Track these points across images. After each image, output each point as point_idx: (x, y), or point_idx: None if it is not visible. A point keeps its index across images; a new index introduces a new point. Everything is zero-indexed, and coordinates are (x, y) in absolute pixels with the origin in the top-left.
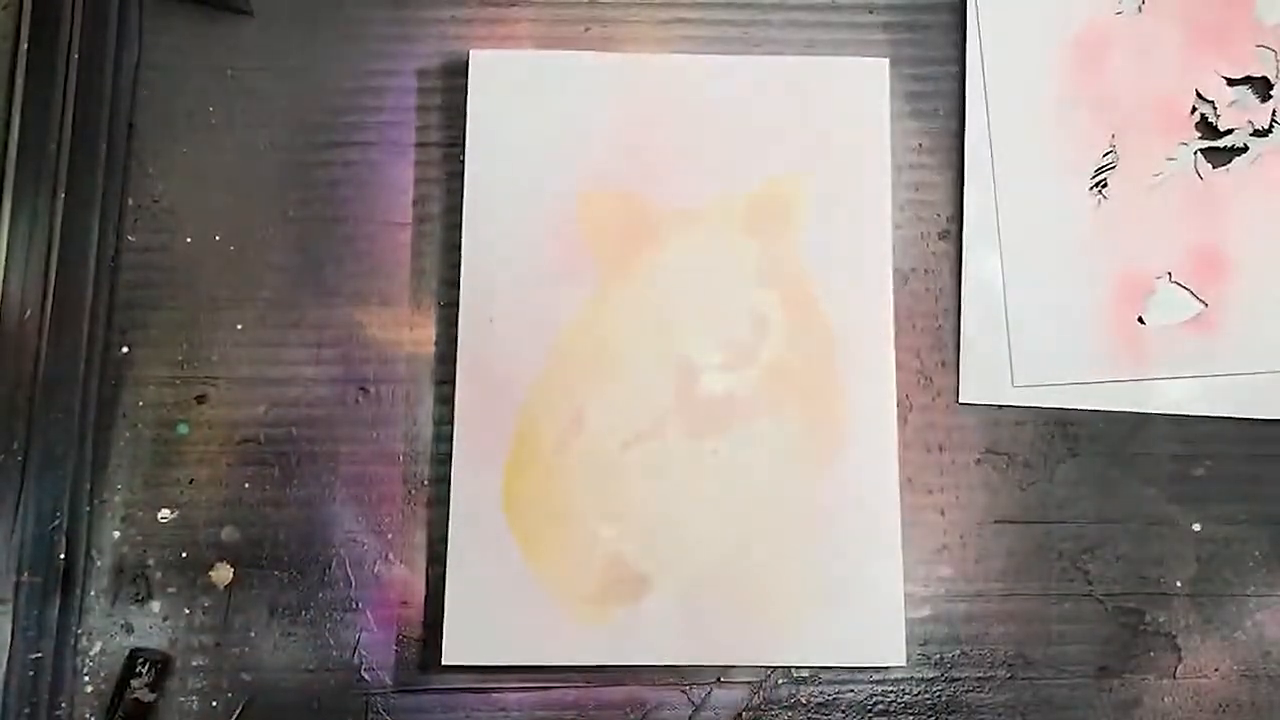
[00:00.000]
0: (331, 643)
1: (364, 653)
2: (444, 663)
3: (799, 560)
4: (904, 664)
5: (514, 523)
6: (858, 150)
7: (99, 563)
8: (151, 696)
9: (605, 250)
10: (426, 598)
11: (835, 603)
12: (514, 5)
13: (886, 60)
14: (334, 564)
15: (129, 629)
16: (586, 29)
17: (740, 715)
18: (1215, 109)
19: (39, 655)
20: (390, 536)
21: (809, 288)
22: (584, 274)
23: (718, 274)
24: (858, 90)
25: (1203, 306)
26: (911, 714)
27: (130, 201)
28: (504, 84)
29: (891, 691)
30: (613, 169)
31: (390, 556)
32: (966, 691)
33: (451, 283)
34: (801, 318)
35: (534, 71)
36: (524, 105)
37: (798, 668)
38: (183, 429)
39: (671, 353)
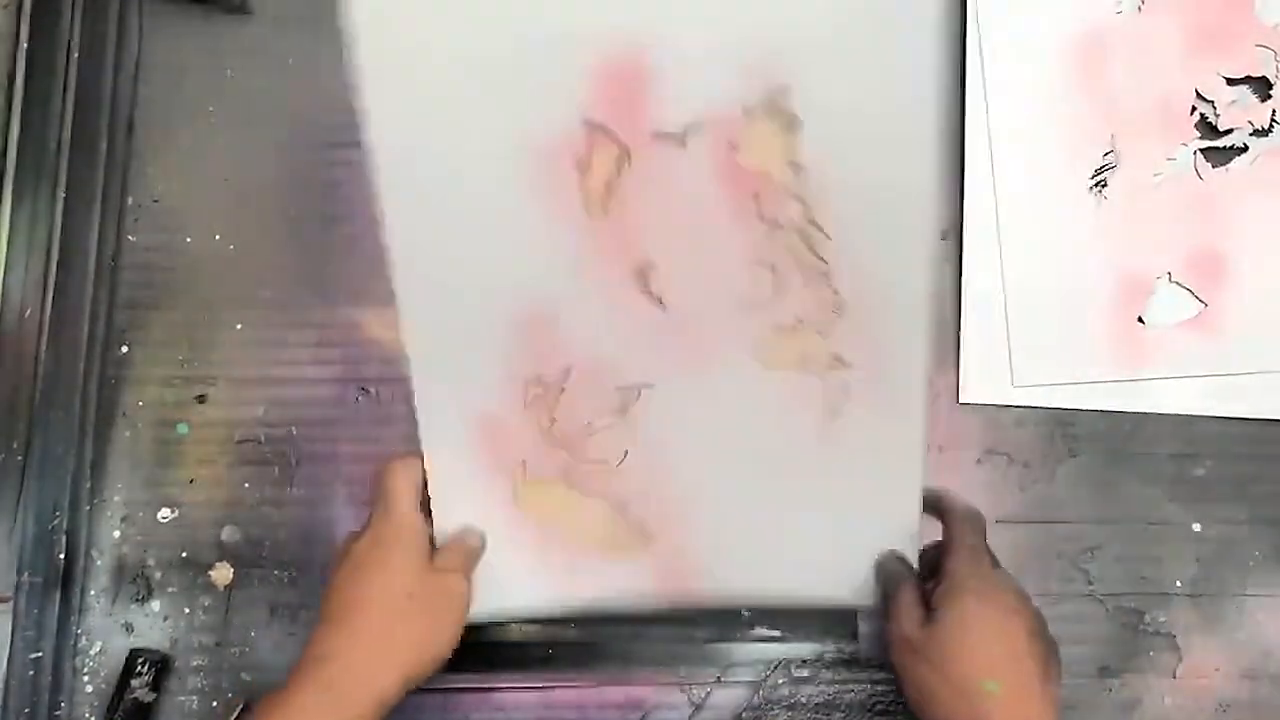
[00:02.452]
0: None
1: None
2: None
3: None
4: None
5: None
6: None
7: (99, 562)
8: (151, 696)
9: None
10: None
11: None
12: None
13: None
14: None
15: (129, 629)
16: None
17: (740, 715)
18: (1215, 109)
19: (39, 655)
20: None
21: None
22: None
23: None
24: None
25: (1203, 306)
26: (912, 714)
27: (130, 201)
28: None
29: (891, 691)
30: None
31: None
32: None
33: None
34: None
35: None
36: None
37: (798, 665)
38: (183, 429)
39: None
